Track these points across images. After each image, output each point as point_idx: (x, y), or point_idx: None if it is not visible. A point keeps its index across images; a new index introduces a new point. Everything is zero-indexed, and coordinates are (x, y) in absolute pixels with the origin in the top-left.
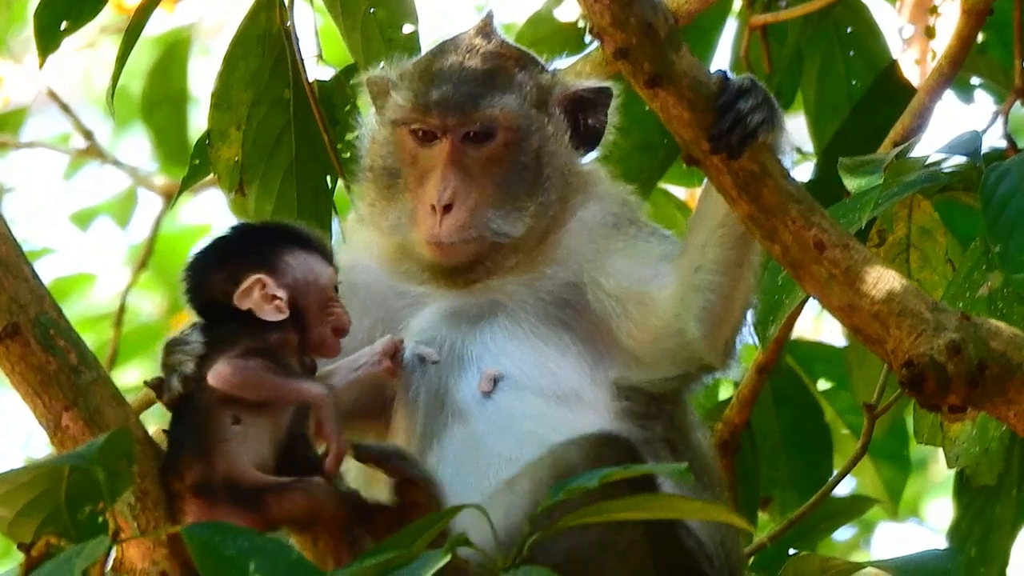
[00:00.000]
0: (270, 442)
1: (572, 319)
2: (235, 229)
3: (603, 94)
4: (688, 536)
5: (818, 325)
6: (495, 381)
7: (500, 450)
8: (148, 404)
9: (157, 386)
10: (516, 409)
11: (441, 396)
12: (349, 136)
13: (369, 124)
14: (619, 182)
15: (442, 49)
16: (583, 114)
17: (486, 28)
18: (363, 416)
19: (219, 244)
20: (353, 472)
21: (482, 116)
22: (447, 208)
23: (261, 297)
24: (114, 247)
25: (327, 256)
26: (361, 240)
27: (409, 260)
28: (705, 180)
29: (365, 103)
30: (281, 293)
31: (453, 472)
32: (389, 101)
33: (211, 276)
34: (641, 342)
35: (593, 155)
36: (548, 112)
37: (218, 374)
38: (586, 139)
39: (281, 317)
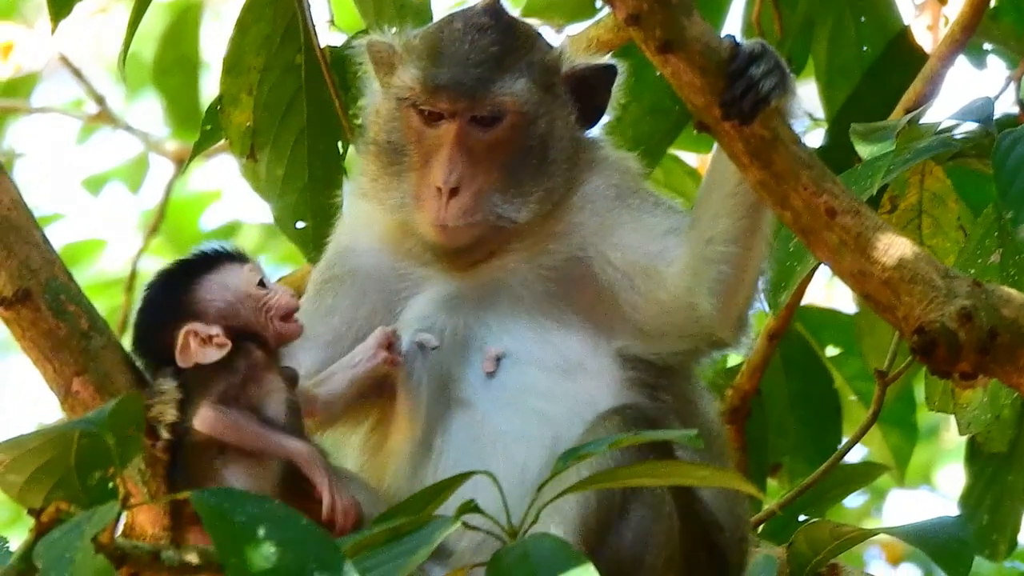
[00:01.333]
0: (261, 473)
1: (574, 292)
2: (147, 290)
3: (608, 72)
4: (699, 504)
5: (829, 292)
6: (498, 360)
7: (505, 428)
8: None
9: (149, 434)
10: (519, 385)
11: (444, 382)
12: (360, 102)
13: (373, 95)
14: (622, 150)
15: (450, 25)
16: (588, 91)
17: (494, 4)
18: (366, 400)
19: (140, 315)
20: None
21: (491, 101)
22: (453, 191)
23: (199, 344)
24: (125, 212)
25: (235, 258)
26: (363, 215)
27: (411, 239)
28: (714, 149)
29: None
30: (215, 330)
31: (459, 454)
32: (395, 76)
33: (152, 345)
34: (647, 315)
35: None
36: (555, 93)
37: (203, 420)
38: (590, 115)
39: (225, 352)
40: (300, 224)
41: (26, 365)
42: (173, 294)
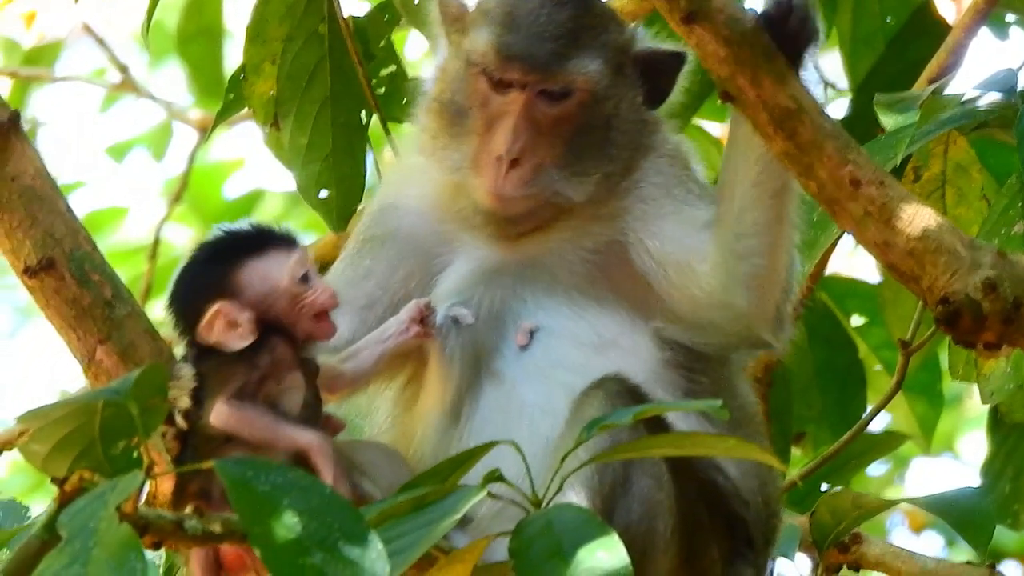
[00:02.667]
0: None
1: (613, 274)
2: (190, 258)
3: (678, 59)
4: (723, 478)
5: (852, 261)
6: (531, 333)
7: (531, 400)
8: None
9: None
10: (550, 359)
11: (477, 354)
12: (384, 71)
13: (441, 52)
14: (675, 132)
15: None
16: (654, 74)
17: None
18: (396, 365)
19: (178, 282)
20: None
21: (564, 77)
22: (513, 162)
23: (224, 326)
24: (149, 180)
25: (283, 245)
26: (415, 171)
27: (463, 200)
28: (728, 142)
29: (430, 22)
30: (244, 317)
31: (484, 424)
32: (467, 38)
33: (183, 315)
34: (681, 306)
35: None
36: (624, 74)
37: (217, 415)
38: (652, 98)
39: (247, 343)
40: (323, 193)
41: (50, 333)
42: (216, 268)
